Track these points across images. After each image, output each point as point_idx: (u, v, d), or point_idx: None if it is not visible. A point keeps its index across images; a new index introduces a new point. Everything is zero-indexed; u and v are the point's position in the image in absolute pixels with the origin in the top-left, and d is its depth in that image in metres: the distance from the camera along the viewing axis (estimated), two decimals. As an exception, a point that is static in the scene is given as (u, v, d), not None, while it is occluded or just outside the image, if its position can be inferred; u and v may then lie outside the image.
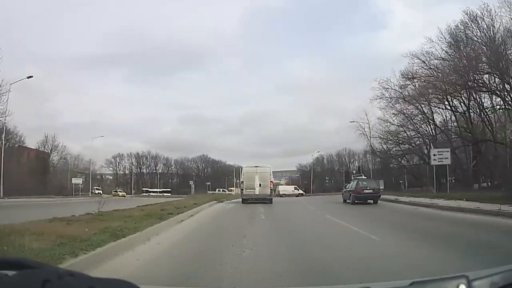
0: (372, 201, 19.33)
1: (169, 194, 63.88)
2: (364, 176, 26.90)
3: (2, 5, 59.49)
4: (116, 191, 64.49)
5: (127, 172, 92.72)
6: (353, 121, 41.99)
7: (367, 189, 19.58)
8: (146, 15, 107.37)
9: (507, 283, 1.16)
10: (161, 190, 73.27)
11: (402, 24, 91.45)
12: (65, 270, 0.84)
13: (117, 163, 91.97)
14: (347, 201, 20.85)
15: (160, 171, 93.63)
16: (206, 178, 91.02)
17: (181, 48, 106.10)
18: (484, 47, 28.28)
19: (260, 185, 20.03)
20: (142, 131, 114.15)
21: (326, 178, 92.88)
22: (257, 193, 19.99)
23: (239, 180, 21.82)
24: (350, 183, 22.87)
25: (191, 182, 62.72)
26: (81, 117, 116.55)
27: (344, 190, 23.14)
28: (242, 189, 20.58)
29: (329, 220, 11.40)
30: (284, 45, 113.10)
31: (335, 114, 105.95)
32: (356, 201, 19.08)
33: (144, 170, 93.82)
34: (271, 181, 20.70)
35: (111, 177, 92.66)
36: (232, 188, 66.74)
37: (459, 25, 30.15)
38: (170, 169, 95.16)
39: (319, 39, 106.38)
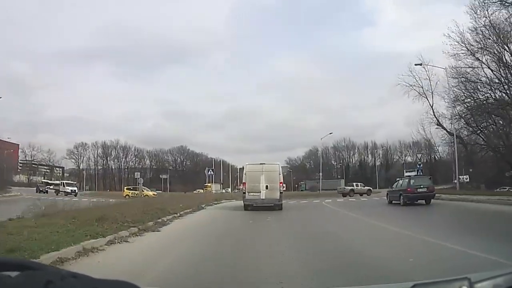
0: (424, 201, 19.25)
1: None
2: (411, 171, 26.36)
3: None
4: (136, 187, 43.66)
5: (92, 164, 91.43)
6: (420, 64, 29.91)
7: (420, 188, 19.34)
8: (129, 9, 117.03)
9: (509, 285, 1.27)
10: (61, 182, 55.47)
11: (392, 23, 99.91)
12: (68, 272, 0.93)
13: (80, 154, 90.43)
14: (394, 202, 20.76)
15: (131, 164, 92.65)
16: (185, 173, 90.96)
17: (167, 44, 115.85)
18: None
19: (267, 187, 17.90)
20: (124, 126, 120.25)
21: (321, 173, 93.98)
22: (263, 198, 17.93)
23: (243, 180, 19.13)
24: (397, 181, 22.80)
25: (137, 175, 44.46)
26: (66, 112, 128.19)
27: (391, 189, 23.27)
28: (244, 192, 18.42)
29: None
30: (271, 42, 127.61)
31: (323, 111, 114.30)
32: (407, 202, 19.04)
33: (112, 162, 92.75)
34: (281, 182, 18.32)
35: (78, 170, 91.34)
36: (209, 185, 65.14)
37: None
38: (142, 161, 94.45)
39: (306, 37, 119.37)
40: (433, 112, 31.19)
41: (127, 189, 46.37)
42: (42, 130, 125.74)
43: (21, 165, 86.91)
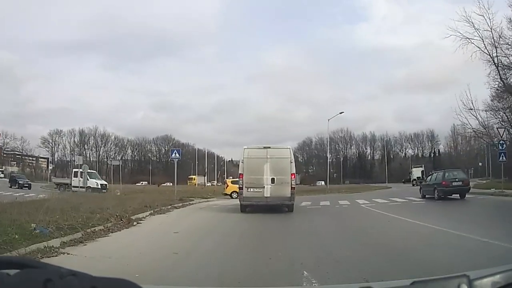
0: (458, 196, 19.57)
1: None
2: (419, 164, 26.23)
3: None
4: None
5: (67, 154, 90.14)
6: None
7: (455, 181, 19.79)
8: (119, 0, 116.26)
9: (508, 282, 1.34)
10: (75, 171, 36.11)
11: (383, 18, 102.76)
12: (67, 270, 0.97)
13: (55, 142, 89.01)
14: (427, 196, 21.25)
15: (111, 153, 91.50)
16: (170, 164, 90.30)
17: (156, 36, 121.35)
18: None
19: (272, 180, 14.11)
20: (113, 118, 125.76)
21: (311, 167, 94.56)
22: (268, 195, 14.09)
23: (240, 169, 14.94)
24: (432, 175, 23.14)
25: (78, 159, 33.44)
26: (54, 103, 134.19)
27: (424, 183, 23.72)
28: (241, 188, 14.52)
29: None
30: (260, 35, 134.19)
31: (313, 104, 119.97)
32: (441, 196, 19.43)
33: (89, 152, 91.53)
34: (293, 174, 14.26)
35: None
36: (193, 177, 64.30)
37: None
38: (123, 151, 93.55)
39: (296, 30, 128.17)
40: (499, 73, 24.19)
41: (232, 182, 27.92)
42: (30, 121, 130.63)
43: (5, 155, 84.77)
